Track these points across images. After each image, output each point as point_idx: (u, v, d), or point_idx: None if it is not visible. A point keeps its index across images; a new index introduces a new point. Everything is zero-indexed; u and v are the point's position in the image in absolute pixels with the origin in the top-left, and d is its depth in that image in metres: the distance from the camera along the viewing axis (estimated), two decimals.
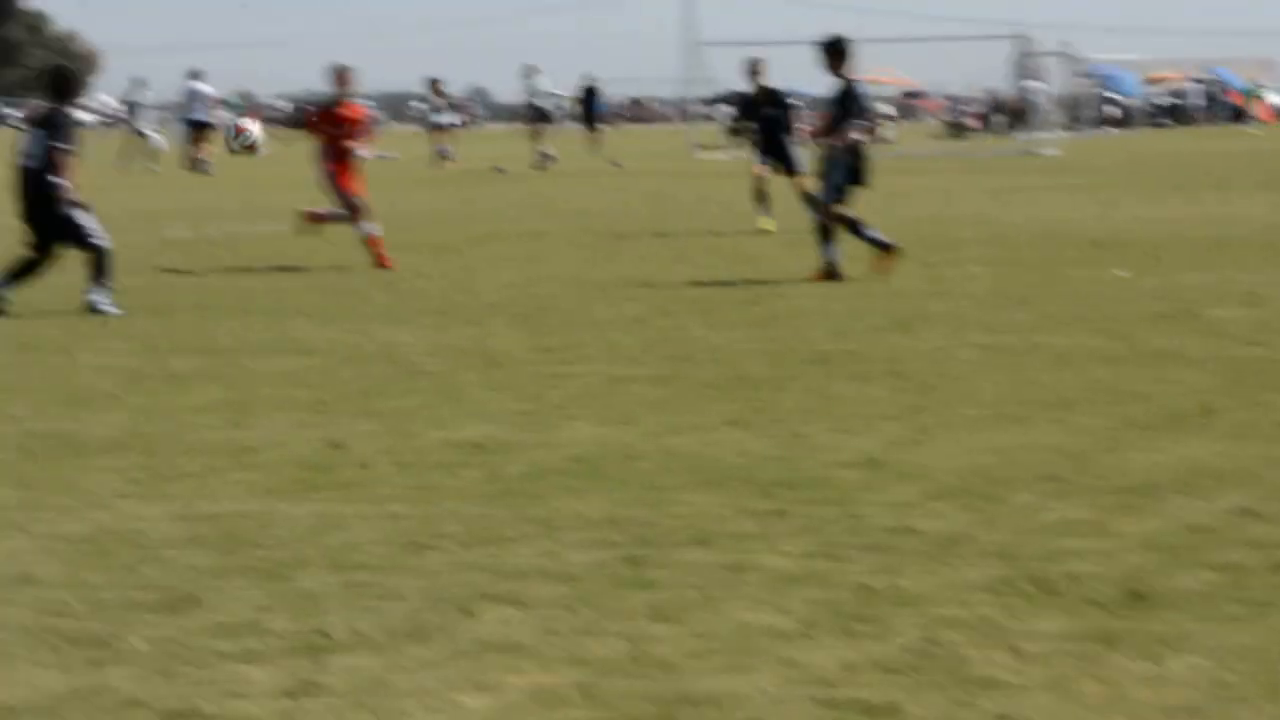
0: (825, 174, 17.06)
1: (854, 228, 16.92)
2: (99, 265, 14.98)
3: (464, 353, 12.48)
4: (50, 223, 15.06)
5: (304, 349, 12.68)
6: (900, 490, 8.01)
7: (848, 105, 16.87)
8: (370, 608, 6.29)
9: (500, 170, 46.20)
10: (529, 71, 48.88)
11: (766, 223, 22.99)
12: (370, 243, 18.77)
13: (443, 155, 50.92)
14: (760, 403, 10.31)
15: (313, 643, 5.91)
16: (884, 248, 16.91)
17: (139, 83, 47.68)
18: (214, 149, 46.39)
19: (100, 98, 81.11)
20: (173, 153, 46.22)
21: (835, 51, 17.04)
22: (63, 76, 15.71)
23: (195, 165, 44.38)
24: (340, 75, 19.37)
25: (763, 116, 23.46)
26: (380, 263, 18.57)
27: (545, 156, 46.51)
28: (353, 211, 18.90)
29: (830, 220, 16.92)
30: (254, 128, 14.52)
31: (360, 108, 19.69)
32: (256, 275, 18.13)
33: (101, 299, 14.90)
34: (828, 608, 6.24)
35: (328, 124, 18.99)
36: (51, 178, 15.01)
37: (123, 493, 8.08)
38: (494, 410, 10.18)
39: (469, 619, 6.16)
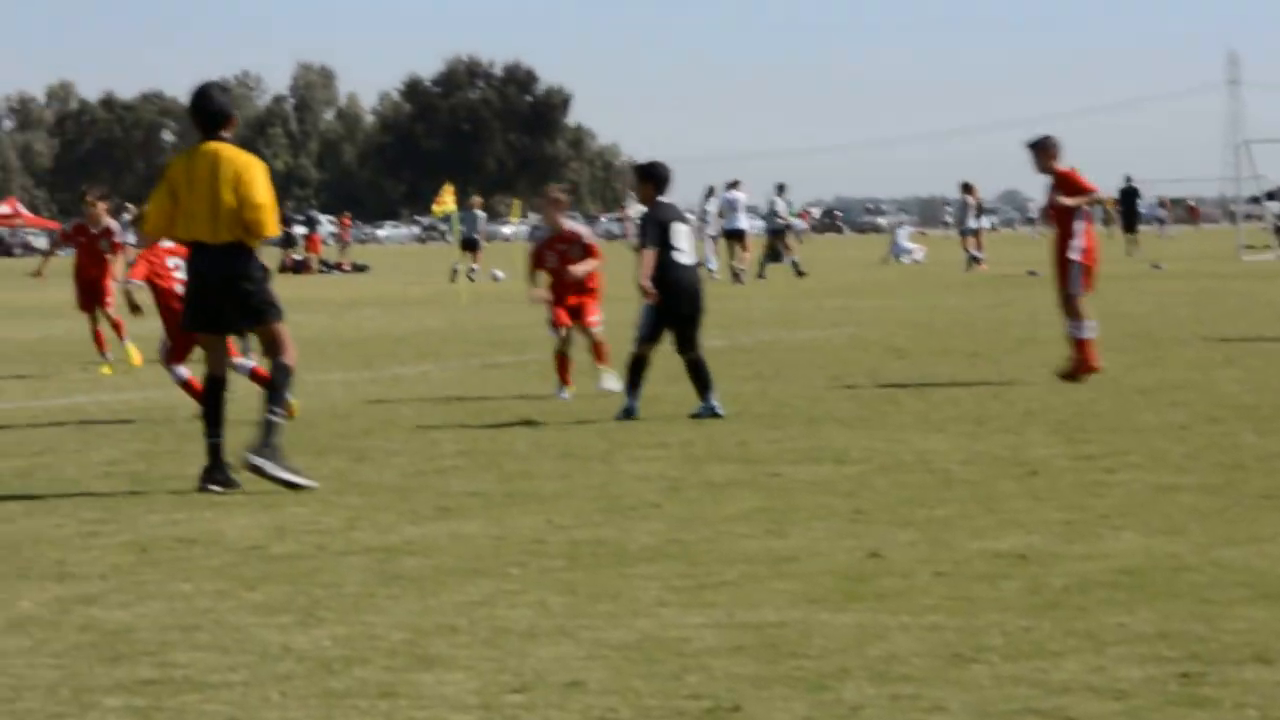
0: None
1: None
2: (706, 375, 15.28)
3: (1001, 461, 12.27)
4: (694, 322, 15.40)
5: (840, 457, 12.65)
6: None
7: None
8: None
9: (1034, 274, 45.68)
10: None
11: None
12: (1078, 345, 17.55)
13: (975, 259, 50.72)
14: None
15: None
16: None
17: (709, 192, 48.96)
18: (749, 256, 47.14)
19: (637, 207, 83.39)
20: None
21: None
22: (659, 168, 15.70)
23: (736, 275, 45.22)
24: (1046, 148, 18.02)
25: None
26: (1083, 367, 17.44)
27: None
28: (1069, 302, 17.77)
29: None
30: None
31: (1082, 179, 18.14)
32: (789, 382, 18.22)
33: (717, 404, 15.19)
34: None
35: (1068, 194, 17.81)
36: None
37: (664, 600, 8.13)
38: (1034, 520, 9.95)
39: None
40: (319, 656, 7.20)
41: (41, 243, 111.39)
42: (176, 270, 16.26)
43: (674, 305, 15.29)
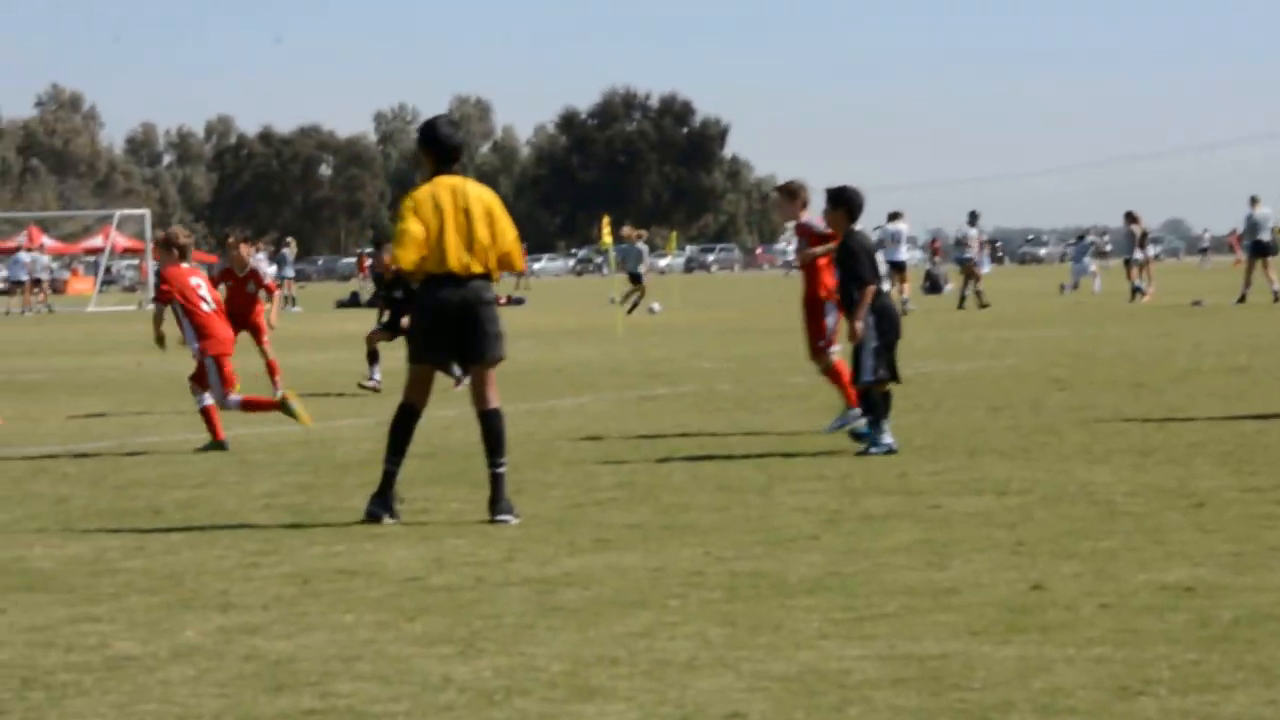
0: None
1: None
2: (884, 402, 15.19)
3: (1167, 493, 12.09)
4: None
5: (1001, 489, 12.52)
6: None
7: None
8: None
9: (1198, 304, 45.19)
10: (1252, 201, 47.26)
11: None
12: None
13: (1138, 290, 50.21)
14: None
15: None
16: None
17: (890, 218, 48.89)
18: (908, 288, 46.93)
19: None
20: None
21: None
22: (854, 194, 15.42)
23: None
24: None
25: None
26: None
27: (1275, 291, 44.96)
28: None
29: None
30: None
31: None
32: (949, 413, 18.08)
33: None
34: None
35: None
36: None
37: (825, 633, 8.07)
38: (1202, 552, 9.79)
39: None
40: (480, 687, 7.21)
41: None
42: (200, 289, 16.63)
43: (889, 334, 15.16)
